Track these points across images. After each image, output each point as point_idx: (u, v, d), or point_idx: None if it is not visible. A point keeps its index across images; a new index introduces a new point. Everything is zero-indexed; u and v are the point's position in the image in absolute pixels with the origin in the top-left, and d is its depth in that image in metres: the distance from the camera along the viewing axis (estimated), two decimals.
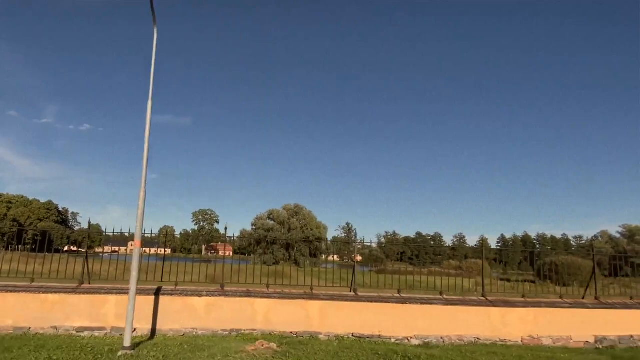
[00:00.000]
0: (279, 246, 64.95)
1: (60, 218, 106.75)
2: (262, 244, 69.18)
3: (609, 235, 75.25)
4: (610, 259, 43.92)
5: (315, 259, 67.16)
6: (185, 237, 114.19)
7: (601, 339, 9.75)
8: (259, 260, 59.82)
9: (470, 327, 9.35)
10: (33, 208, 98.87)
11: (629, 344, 9.84)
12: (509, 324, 9.51)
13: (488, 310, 9.51)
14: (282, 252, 67.92)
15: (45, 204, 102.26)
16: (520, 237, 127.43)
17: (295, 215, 74.98)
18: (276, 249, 68.36)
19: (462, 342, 9.20)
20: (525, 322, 9.56)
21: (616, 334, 9.86)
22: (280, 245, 65.99)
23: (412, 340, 9.07)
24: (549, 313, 9.68)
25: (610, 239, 74.03)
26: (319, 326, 8.89)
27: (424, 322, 9.23)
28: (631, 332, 9.95)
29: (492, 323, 9.45)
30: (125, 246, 24.19)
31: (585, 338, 9.71)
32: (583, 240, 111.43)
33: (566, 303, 9.94)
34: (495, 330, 9.42)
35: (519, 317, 9.56)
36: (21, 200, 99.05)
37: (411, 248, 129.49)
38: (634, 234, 71.15)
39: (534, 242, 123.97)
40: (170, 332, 8.42)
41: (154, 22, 7.07)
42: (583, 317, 9.85)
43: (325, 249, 69.09)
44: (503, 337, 9.41)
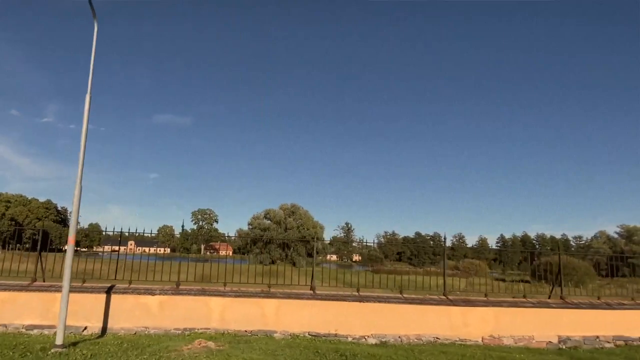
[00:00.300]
0: (275, 246, 64.75)
1: (59, 217, 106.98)
2: (259, 244, 69.18)
3: (607, 236, 74.81)
4: (608, 259, 43.87)
5: (311, 258, 67.30)
6: (184, 235, 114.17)
7: (565, 339, 9.60)
8: (255, 259, 59.83)
9: (430, 326, 9.22)
10: (32, 207, 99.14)
11: (594, 344, 9.68)
12: (469, 323, 9.37)
13: (448, 309, 9.37)
14: (279, 251, 67.69)
15: (44, 203, 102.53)
16: (520, 238, 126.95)
17: (292, 215, 74.89)
18: (272, 249, 68.18)
19: (421, 341, 9.07)
20: (486, 322, 9.42)
21: (581, 334, 9.71)
22: (277, 245, 65.75)
23: (369, 339, 8.94)
24: (511, 313, 9.54)
25: (608, 239, 73.62)
26: (275, 325, 8.77)
27: (382, 321, 9.10)
28: (597, 333, 9.80)
29: (452, 322, 9.31)
30: (125, 245, 24.10)
31: (549, 338, 9.56)
32: (583, 240, 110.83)
33: (529, 303, 9.79)
34: (455, 329, 9.29)
35: (480, 316, 9.42)
36: (20, 199, 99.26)
37: (410, 248, 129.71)
38: (632, 234, 70.66)
39: (533, 242, 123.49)
40: (121, 331, 8.31)
41: (94, 17, 6.97)
42: (547, 317, 9.70)
43: (322, 248, 69.15)
44: (463, 336, 9.27)
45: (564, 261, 46.55)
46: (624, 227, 72.69)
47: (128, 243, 26.97)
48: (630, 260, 49.15)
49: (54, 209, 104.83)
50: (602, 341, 9.75)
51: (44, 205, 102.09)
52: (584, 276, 40.65)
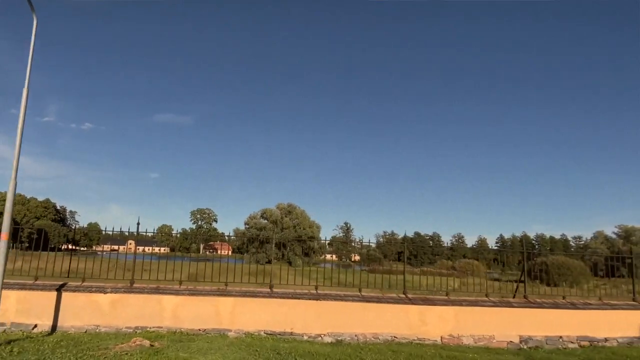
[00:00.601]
0: (271, 245, 64.71)
1: (58, 216, 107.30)
2: (255, 243, 69.06)
3: (605, 236, 74.43)
4: (605, 259, 43.49)
5: (308, 257, 66.91)
6: (184, 235, 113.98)
7: (527, 339, 9.47)
8: (252, 259, 59.67)
9: (388, 325, 9.10)
10: (30, 206, 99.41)
11: (556, 344, 9.55)
12: (428, 322, 9.25)
13: (407, 308, 9.25)
14: (275, 251, 67.66)
15: (42, 202, 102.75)
16: (519, 238, 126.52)
17: (288, 214, 74.94)
18: (268, 248, 68.25)
19: (378, 340, 8.96)
20: (446, 321, 9.30)
21: (544, 334, 9.58)
22: (273, 244, 65.79)
23: (325, 337, 8.84)
24: (471, 312, 9.41)
25: (605, 240, 73.23)
26: (230, 323, 8.67)
27: (339, 320, 8.99)
28: (561, 333, 9.66)
29: (410, 321, 9.19)
30: (123, 244, 24.08)
31: (510, 338, 9.44)
32: (582, 240, 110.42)
33: (490, 302, 9.66)
34: (413, 328, 9.17)
35: (439, 315, 9.30)
36: (19, 198, 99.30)
37: (409, 248, 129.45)
38: (629, 234, 70.31)
39: (532, 242, 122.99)
40: (71, 329, 8.23)
41: (32, 10, 6.89)
42: (509, 316, 9.57)
43: (319, 247, 68.82)
44: (422, 335, 9.16)
45: (559, 262, 45.86)
46: (622, 227, 72.41)
47: (127, 242, 26.95)
48: (627, 261, 48.86)
49: (53, 208, 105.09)
50: (565, 341, 9.62)
51: (43, 204, 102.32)
52: (579, 276, 40.51)
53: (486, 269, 65.43)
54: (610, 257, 17.17)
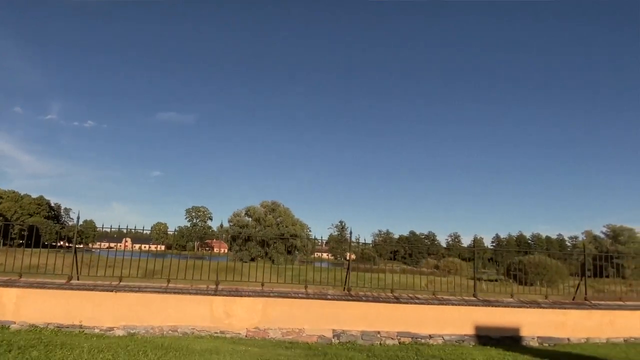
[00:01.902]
0: (254, 243, 64.23)
1: (52, 214, 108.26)
2: (238, 241, 68.56)
3: (593, 235, 72.96)
4: (593, 259, 42.64)
5: (291, 256, 66.38)
6: (180, 233, 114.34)
7: (340, 333, 9.05)
8: (235, 257, 59.33)
9: (189, 317, 8.74)
10: (23, 203, 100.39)
11: (372, 340, 9.11)
12: (233, 314, 8.86)
13: (211, 299, 8.87)
14: (257, 248, 66.96)
15: (36, 199, 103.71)
16: (515, 237, 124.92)
17: (272, 212, 74.55)
18: (251, 246, 67.47)
19: (176, 332, 8.61)
20: (253, 313, 8.91)
21: (361, 329, 9.14)
22: (256, 242, 65.16)
23: (118, 330, 8.50)
24: (281, 304, 9.00)
25: (594, 239, 71.79)
26: (13, 315, 8.36)
27: (136, 312, 8.64)
28: (381, 328, 9.22)
29: (213, 313, 8.81)
30: (120, 242, 24.07)
31: (322, 332, 9.02)
32: (579, 240, 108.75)
33: (302, 294, 9.22)
34: (217, 321, 8.80)
35: (245, 307, 8.91)
36: (12, 195, 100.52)
37: (404, 247, 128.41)
38: (617, 234, 68.98)
39: (528, 242, 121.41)
40: None
41: None
42: (323, 309, 9.15)
43: (302, 246, 67.98)
44: (225, 328, 8.78)
45: (535, 261, 44.94)
46: (610, 227, 70.95)
47: (123, 240, 26.96)
48: (615, 261, 47.92)
49: (47, 205, 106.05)
50: (383, 337, 9.18)
51: (36, 201, 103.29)
52: (555, 275, 39.80)
53: (481, 268, 64.65)
54: (599, 256, 16.76)
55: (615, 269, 24.24)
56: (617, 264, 33.50)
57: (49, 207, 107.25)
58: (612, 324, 10.10)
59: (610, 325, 10.08)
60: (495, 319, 9.57)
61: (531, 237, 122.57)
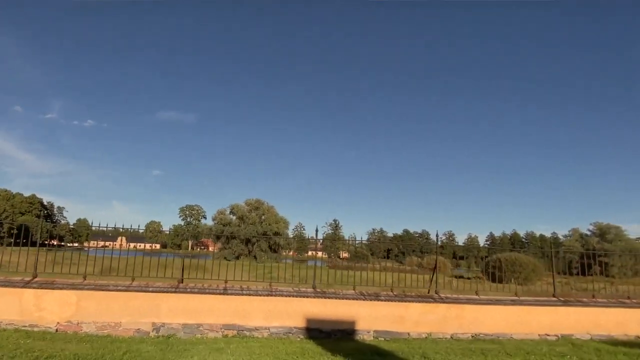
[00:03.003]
0: (238, 241, 63.84)
1: (44, 212, 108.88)
2: (222, 239, 68.11)
3: (580, 234, 72.00)
4: (581, 257, 41.82)
5: (275, 253, 65.72)
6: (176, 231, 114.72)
7: (159, 326, 8.78)
8: (220, 255, 58.77)
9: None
10: (15, 202, 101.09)
11: (194, 332, 8.82)
12: (45, 307, 8.60)
13: (20, 291, 8.59)
14: (241, 246, 66.43)
15: (28, 197, 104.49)
16: (509, 236, 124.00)
17: (255, 210, 74.23)
18: (235, 244, 66.82)
19: None
20: (67, 306, 8.64)
21: (184, 321, 8.86)
22: (240, 240, 64.55)
23: None
24: (97, 297, 8.72)
25: (580, 237, 70.87)
26: None
27: None
28: (204, 320, 8.91)
29: (23, 306, 8.57)
30: (114, 241, 24.04)
31: (140, 325, 8.73)
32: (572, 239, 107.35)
33: (121, 286, 8.96)
34: (27, 314, 8.52)
35: (59, 300, 8.64)
36: (3, 194, 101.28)
37: (397, 245, 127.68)
38: (604, 232, 67.93)
39: (522, 240, 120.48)
40: None
41: None
42: (144, 302, 8.85)
43: (287, 244, 67.07)
44: (35, 321, 8.51)
45: (511, 258, 44.25)
46: (597, 224, 69.95)
47: (118, 239, 27.00)
48: (600, 259, 47.01)
49: (39, 204, 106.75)
50: (206, 329, 8.89)
51: (28, 200, 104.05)
52: (531, 273, 39.38)
53: (475, 266, 63.89)
54: (585, 253, 16.28)
55: (602, 267, 23.51)
56: (602, 262, 32.83)
57: (41, 205, 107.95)
58: (459, 319, 9.74)
59: (456, 319, 9.72)
60: (327, 311, 9.24)
61: (525, 236, 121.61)
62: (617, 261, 56.51)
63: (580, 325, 10.21)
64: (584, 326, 10.21)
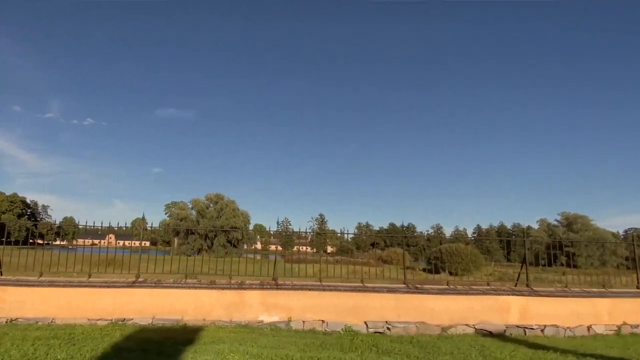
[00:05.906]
0: (196, 236, 62.93)
1: (27, 211, 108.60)
2: (181, 234, 64.46)
3: (547, 224, 72.81)
4: (547, 247, 42.20)
5: (235, 248, 64.96)
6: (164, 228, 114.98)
7: None
8: (179, 250, 57.72)
9: None
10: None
11: None
12: None
13: None
14: (200, 241, 63.96)
15: (9, 196, 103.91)
16: (496, 228, 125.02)
17: (215, 204, 70.92)
18: (193, 239, 64.34)
19: None
20: None
21: None
22: (199, 235, 62.99)
23: None
24: None
25: (548, 227, 71.67)
26: None
27: None
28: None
29: None
30: (103, 239, 24.44)
31: None
32: None
33: None
34: None
35: None
36: None
37: (384, 238, 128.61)
38: (571, 222, 68.49)
39: (509, 232, 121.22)
40: None
41: None
42: None
43: (247, 238, 65.73)
44: None
45: (451, 249, 45.09)
46: (564, 214, 70.25)
47: (107, 236, 27.43)
48: (567, 249, 47.22)
49: (20, 202, 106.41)
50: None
51: (9, 198, 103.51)
52: (470, 263, 40.21)
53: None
54: (552, 244, 16.40)
55: (569, 257, 24.16)
56: (569, 252, 33.10)
57: (23, 204, 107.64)
58: None
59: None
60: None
61: (512, 227, 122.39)
62: (583, 251, 57.23)
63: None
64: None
